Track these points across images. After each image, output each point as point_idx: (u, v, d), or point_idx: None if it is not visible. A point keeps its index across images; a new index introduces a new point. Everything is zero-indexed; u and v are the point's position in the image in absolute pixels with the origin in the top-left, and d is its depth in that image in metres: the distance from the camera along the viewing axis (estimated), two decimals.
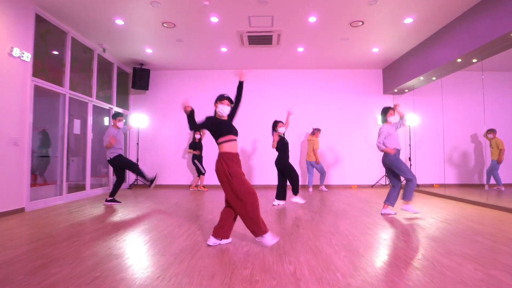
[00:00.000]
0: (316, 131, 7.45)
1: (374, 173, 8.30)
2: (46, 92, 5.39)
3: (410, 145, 8.09)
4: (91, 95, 6.59)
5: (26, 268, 2.33)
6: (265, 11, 5.13)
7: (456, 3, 4.85)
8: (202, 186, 7.65)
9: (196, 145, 7.57)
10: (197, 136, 7.62)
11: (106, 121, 7.56)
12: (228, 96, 3.04)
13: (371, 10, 5.08)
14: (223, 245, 2.91)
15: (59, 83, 5.58)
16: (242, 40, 6.31)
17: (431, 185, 7.96)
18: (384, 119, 4.47)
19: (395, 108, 4.47)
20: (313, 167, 7.49)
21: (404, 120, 4.44)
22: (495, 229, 3.54)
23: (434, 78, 6.68)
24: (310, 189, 7.57)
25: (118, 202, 5.40)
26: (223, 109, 2.99)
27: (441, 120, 6.65)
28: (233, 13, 5.21)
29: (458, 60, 5.42)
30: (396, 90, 8.00)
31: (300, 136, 8.34)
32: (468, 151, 7.72)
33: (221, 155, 2.88)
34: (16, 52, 4.44)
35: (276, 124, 5.29)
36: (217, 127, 2.94)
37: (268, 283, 2.05)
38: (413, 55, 6.84)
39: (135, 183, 8.22)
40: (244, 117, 8.03)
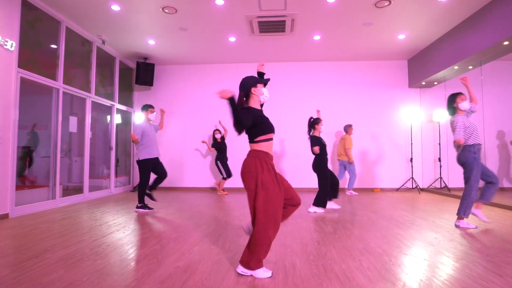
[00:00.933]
0: (348, 128, 6.78)
1: (399, 176, 7.51)
2: (39, 87, 4.92)
3: (440, 144, 7.26)
4: (90, 91, 6.10)
5: None
6: None
7: None
8: (222, 190, 7.01)
9: (220, 145, 6.87)
10: (218, 136, 6.87)
11: (108, 119, 7.08)
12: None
13: None
14: (235, 266, 2.29)
15: (52, 77, 5.10)
16: (252, 28, 5.68)
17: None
18: (454, 109, 3.65)
19: (465, 82, 3.63)
20: (345, 168, 6.81)
21: (474, 105, 3.63)
22: None
23: (471, 67, 5.87)
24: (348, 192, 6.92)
25: (150, 209, 4.74)
26: (267, 94, 2.35)
27: (480, 116, 5.83)
28: None
29: (505, 43, 4.63)
30: (424, 83, 7.20)
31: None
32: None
33: (257, 154, 2.20)
34: None
35: (317, 122, 4.75)
36: (261, 121, 2.25)
37: None
38: (446, 41, 6.04)
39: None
40: None
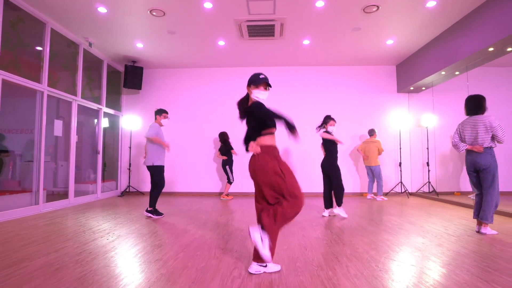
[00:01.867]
0: (374, 132, 6.85)
1: (389, 180, 7.54)
2: (22, 90, 4.79)
3: (428, 149, 7.33)
4: (76, 94, 5.98)
5: None
6: None
7: None
8: (226, 195, 6.90)
9: (229, 149, 6.77)
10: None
11: (95, 123, 6.95)
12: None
13: None
14: (220, 273, 2.22)
15: (36, 79, 4.98)
16: (241, 31, 5.66)
17: (452, 193, 7.20)
18: (485, 108, 3.63)
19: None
20: (373, 173, 6.81)
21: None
22: None
23: (458, 73, 5.95)
24: (369, 196, 6.90)
25: (160, 215, 4.63)
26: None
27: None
28: None
29: (490, 49, 4.70)
30: (412, 88, 7.27)
31: (307, 139, 7.58)
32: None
33: (267, 149, 2.32)
34: None
35: (328, 121, 4.69)
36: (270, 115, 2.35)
37: None
38: (434, 47, 6.11)
39: (127, 190, 7.58)
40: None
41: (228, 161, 6.70)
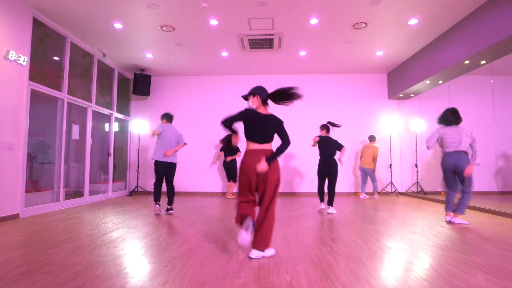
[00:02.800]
0: (374, 139, 7.43)
1: (380, 180, 8.07)
2: (45, 97, 5.33)
3: (417, 152, 7.87)
4: (91, 101, 6.53)
5: (9, 275, 2.19)
6: (265, 13, 5.04)
7: (463, 2, 4.71)
8: (232, 194, 7.42)
9: (235, 150, 7.29)
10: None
11: (107, 127, 7.49)
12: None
13: (374, 11, 4.96)
14: (219, 254, 2.75)
15: (57, 88, 5.53)
16: (243, 44, 6.22)
17: (439, 193, 7.73)
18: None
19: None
20: (367, 175, 7.38)
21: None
22: (505, 237, 3.33)
23: (441, 82, 6.51)
24: (362, 196, 7.40)
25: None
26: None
27: None
28: (233, 15, 5.13)
29: (466, 62, 5.26)
30: (402, 95, 7.83)
31: (303, 143, 8.13)
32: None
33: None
34: (12, 56, 4.39)
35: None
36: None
37: None
38: (419, 58, 6.68)
39: (136, 190, 8.10)
40: None
41: (235, 162, 7.24)
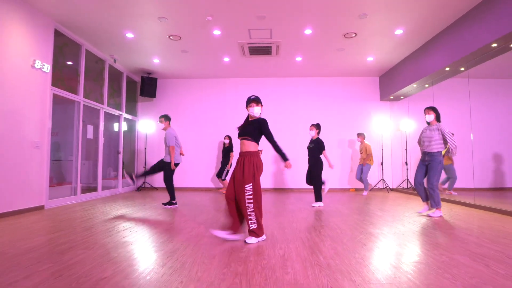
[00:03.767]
0: (362, 135, 7.83)
1: (372, 177, 8.61)
2: (62, 100, 5.85)
3: (407, 150, 8.41)
4: (103, 103, 7.06)
5: (55, 250, 2.72)
6: (264, 25, 5.56)
7: (442, 16, 5.24)
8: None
9: (229, 150, 7.88)
10: (226, 141, 7.94)
11: (116, 127, 8.01)
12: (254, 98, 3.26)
13: (363, 23, 5.48)
14: (224, 237, 3.29)
15: (74, 92, 6.05)
16: (243, 51, 6.74)
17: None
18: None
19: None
20: (362, 171, 7.71)
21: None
22: (473, 225, 3.87)
23: (427, 86, 7.03)
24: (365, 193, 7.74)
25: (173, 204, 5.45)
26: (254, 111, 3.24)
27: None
28: (234, 27, 5.65)
29: (447, 69, 5.79)
30: (392, 97, 8.35)
31: (299, 142, 8.66)
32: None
33: (258, 154, 3.17)
34: (38, 64, 4.91)
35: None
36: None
37: (260, 262, 2.42)
38: (406, 64, 7.21)
39: (143, 186, 8.64)
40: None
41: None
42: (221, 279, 2.07)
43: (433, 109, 4.60)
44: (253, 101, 3.22)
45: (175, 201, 5.41)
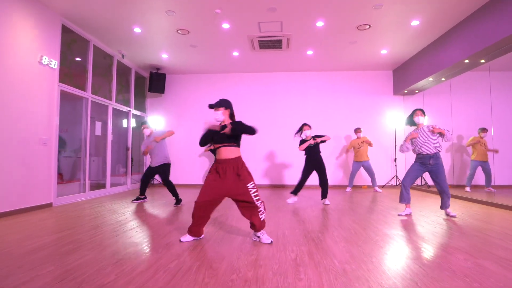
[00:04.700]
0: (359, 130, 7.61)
1: (385, 174, 8.38)
2: (70, 96, 5.80)
3: None
4: (111, 99, 7.00)
5: (61, 251, 2.65)
6: (274, 18, 5.38)
7: (461, 6, 4.97)
8: None
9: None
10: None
11: (125, 123, 7.97)
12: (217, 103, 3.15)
13: (377, 14, 5.25)
14: (233, 236, 3.17)
15: (82, 88, 5.99)
16: (253, 45, 6.57)
17: None
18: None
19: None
20: (363, 167, 7.48)
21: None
22: (495, 226, 3.66)
23: (443, 79, 6.75)
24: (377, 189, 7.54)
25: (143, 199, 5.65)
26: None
27: (450, 121, 6.71)
28: (244, 20, 5.48)
29: (466, 61, 5.51)
30: (406, 91, 8.08)
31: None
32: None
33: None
34: (45, 60, 4.85)
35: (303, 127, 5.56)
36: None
37: (270, 267, 2.29)
38: (422, 57, 6.93)
39: (152, 182, 8.59)
40: (256, 119, 8.30)
41: None
42: (229, 287, 1.95)
43: (423, 111, 4.51)
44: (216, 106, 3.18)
45: (181, 198, 5.39)
